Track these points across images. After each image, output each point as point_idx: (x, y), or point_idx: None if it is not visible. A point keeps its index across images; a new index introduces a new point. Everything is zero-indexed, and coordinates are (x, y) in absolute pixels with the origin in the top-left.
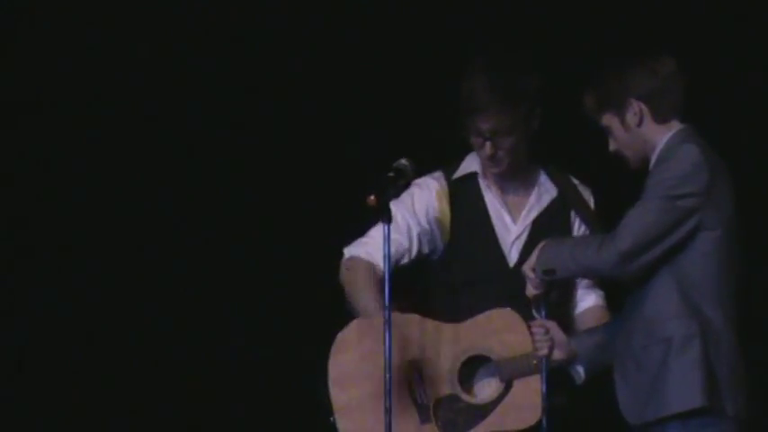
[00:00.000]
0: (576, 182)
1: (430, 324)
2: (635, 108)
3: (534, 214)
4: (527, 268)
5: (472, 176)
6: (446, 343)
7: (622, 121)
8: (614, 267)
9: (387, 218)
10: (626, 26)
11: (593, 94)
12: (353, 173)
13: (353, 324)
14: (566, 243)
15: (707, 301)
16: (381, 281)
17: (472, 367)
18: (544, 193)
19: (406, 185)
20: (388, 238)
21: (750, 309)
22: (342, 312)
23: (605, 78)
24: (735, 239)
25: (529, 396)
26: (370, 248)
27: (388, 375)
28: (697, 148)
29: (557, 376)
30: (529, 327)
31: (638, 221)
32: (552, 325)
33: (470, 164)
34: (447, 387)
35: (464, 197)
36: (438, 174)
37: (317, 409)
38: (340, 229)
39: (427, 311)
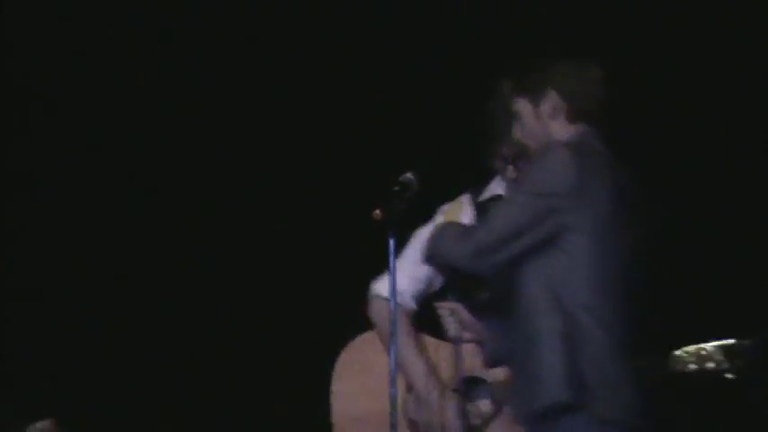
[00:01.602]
0: None
1: (430, 343)
2: (553, 100)
3: None
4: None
5: (497, 199)
6: (444, 362)
7: (535, 109)
8: (469, 261)
9: (393, 231)
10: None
11: (513, 76)
12: (359, 187)
13: (357, 340)
14: (448, 230)
15: (576, 302)
16: (411, 322)
17: (469, 386)
18: None
19: (412, 199)
20: (394, 252)
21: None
22: (345, 328)
23: (532, 65)
24: (613, 244)
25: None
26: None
27: (393, 390)
28: (569, 150)
29: None
30: (436, 308)
31: (498, 216)
32: (458, 307)
33: (496, 187)
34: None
35: None
36: (465, 197)
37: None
38: (346, 244)
39: None
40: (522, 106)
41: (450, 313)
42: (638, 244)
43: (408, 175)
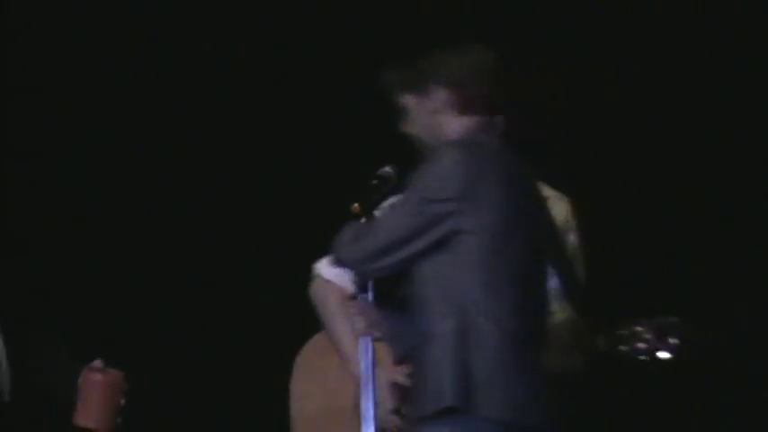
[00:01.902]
0: (552, 192)
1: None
2: (439, 93)
3: None
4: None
5: None
6: (382, 351)
7: (422, 104)
8: (356, 264)
9: None
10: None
11: (399, 70)
12: (337, 181)
13: (314, 339)
14: (348, 232)
15: (469, 302)
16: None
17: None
18: None
19: (390, 193)
20: None
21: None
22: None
23: (415, 58)
24: (508, 242)
25: None
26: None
27: (371, 385)
28: (460, 150)
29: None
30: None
31: (389, 222)
32: (367, 304)
33: None
34: (392, 400)
35: None
36: None
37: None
38: (324, 238)
39: None
40: (409, 101)
41: (360, 311)
42: (536, 239)
43: (387, 168)
